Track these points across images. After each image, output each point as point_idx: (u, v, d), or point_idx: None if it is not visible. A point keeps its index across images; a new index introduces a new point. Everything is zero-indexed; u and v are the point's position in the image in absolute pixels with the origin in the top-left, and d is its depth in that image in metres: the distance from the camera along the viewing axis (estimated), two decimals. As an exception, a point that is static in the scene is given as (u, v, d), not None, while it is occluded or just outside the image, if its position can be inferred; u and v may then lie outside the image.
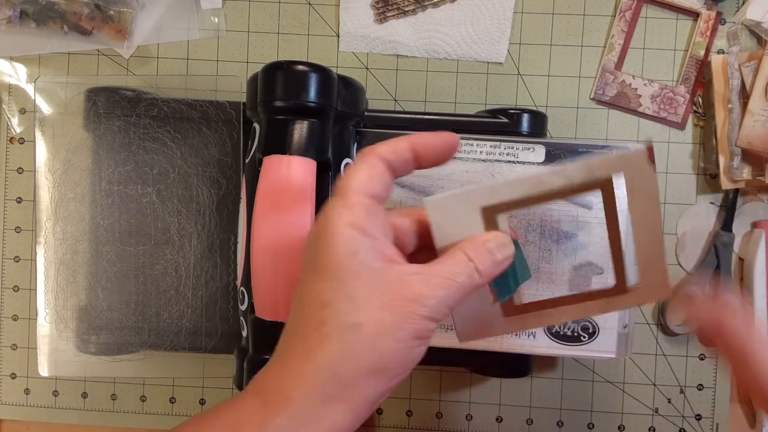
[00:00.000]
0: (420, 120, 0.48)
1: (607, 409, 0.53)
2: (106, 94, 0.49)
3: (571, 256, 0.46)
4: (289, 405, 0.26)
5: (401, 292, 0.27)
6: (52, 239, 0.50)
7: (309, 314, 0.27)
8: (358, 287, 0.27)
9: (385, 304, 0.26)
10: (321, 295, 0.27)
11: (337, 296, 0.27)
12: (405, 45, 0.53)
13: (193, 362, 0.53)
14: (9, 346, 0.56)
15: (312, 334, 0.27)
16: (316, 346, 0.27)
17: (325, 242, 0.27)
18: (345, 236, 0.27)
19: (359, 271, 0.27)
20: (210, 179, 0.49)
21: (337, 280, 0.27)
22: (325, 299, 0.27)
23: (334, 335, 0.26)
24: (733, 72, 0.50)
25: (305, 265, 0.28)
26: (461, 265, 0.28)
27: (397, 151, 0.29)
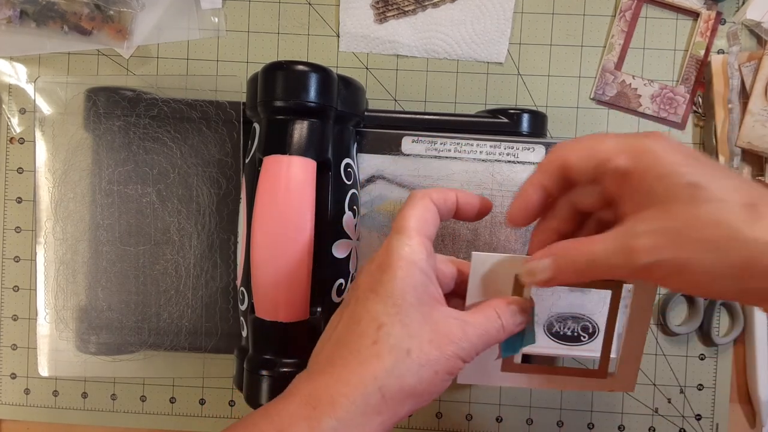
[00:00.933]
0: (420, 120, 0.48)
1: (607, 409, 0.53)
2: (106, 94, 0.49)
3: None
4: (336, 410, 0.29)
5: (445, 333, 0.30)
6: (52, 239, 0.50)
7: (364, 331, 0.30)
8: (412, 318, 0.30)
9: (432, 339, 0.30)
10: (378, 317, 0.30)
11: (393, 321, 0.30)
12: (405, 45, 0.53)
13: (193, 362, 0.53)
14: (9, 346, 0.56)
15: (365, 349, 0.30)
16: (368, 361, 0.30)
17: (390, 273, 0.31)
18: (408, 271, 0.31)
19: (415, 304, 0.30)
20: (210, 179, 0.49)
21: (395, 306, 0.30)
22: (382, 321, 0.30)
23: (386, 355, 0.29)
24: (733, 72, 0.50)
25: (363, 287, 0.32)
26: (492, 319, 0.32)
27: (447, 201, 0.34)
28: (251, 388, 0.42)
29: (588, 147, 0.29)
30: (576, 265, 0.29)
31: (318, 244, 0.42)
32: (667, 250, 0.26)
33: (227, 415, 0.55)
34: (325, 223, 0.43)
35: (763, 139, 0.49)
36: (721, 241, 0.25)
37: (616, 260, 0.28)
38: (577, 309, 0.45)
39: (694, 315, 0.52)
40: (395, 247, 0.31)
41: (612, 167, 0.28)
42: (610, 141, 0.29)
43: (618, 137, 0.29)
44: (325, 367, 0.31)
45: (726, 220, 0.25)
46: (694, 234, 0.25)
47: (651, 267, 0.27)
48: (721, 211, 0.25)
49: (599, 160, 0.29)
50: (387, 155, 0.47)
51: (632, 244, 0.27)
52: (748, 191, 0.25)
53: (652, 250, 0.26)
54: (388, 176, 0.47)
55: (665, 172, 0.27)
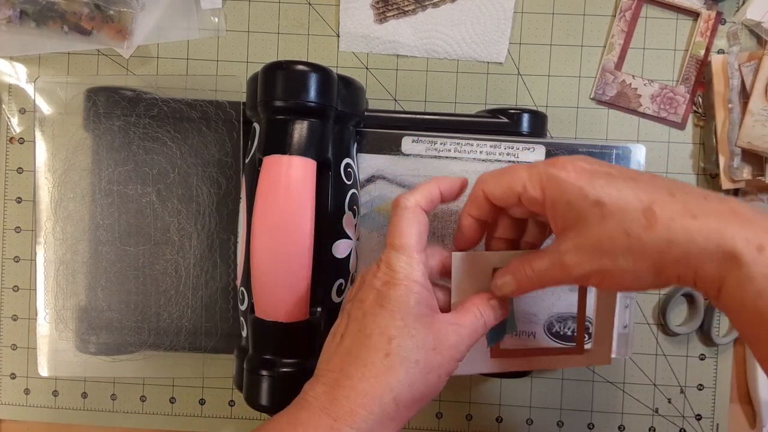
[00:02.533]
0: (420, 120, 0.48)
1: (607, 409, 0.53)
2: (106, 94, 0.49)
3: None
4: (355, 420, 0.31)
5: (445, 340, 0.34)
6: (51, 239, 0.50)
7: (375, 345, 0.33)
8: (417, 329, 0.33)
9: (435, 347, 0.33)
10: (388, 331, 0.33)
11: (402, 334, 0.33)
12: (405, 45, 0.53)
13: (193, 362, 0.53)
14: (9, 346, 0.56)
15: (379, 362, 0.32)
16: (383, 373, 0.32)
17: (396, 290, 0.34)
18: (411, 288, 0.34)
19: (418, 316, 0.33)
20: (210, 179, 0.49)
21: (402, 320, 0.33)
22: (392, 335, 0.33)
23: (398, 366, 0.32)
24: (733, 72, 0.50)
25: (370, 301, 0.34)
26: (477, 318, 0.35)
27: (433, 200, 0.36)
28: (251, 388, 0.42)
29: (506, 183, 0.33)
30: (529, 279, 0.34)
31: (318, 244, 0.42)
32: (590, 263, 0.30)
33: (227, 415, 0.55)
34: (325, 223, 0.42)
35: (763, 138, 0.49)
36: (630, 248, 0.29)
37: (555, 273, 0.32)
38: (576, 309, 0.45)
39: (694, 315, 0.52)
40: (398, 266, 0.34)
41: (528, 197, 0.32)
42: (523, 174, 0.33)
43: (530, 169, 0.33)
44: (340, 378, 0.33)
45: (628, 230, 0.29)
46: (608, 247, 0.29)
47: (583, 276, 0.31)
48: (622, 223, 0.29)
49: (517, 193, 0.33)
50: (387, 155, 0.47)
51: (563, 261, 0.31)
52: (646, 194, 0.29)
53: (578, 265, 0.31)
54: (388, 176, 0.47)
55: (572, 199, 0.30)
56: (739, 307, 0.27)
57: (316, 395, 0.33)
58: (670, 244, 0.28)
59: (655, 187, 0.29)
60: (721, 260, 0.27)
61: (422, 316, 0.33)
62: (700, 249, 0.27)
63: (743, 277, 0.26)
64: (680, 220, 0.28)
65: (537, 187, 0.32)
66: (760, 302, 0.26)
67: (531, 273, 0.34)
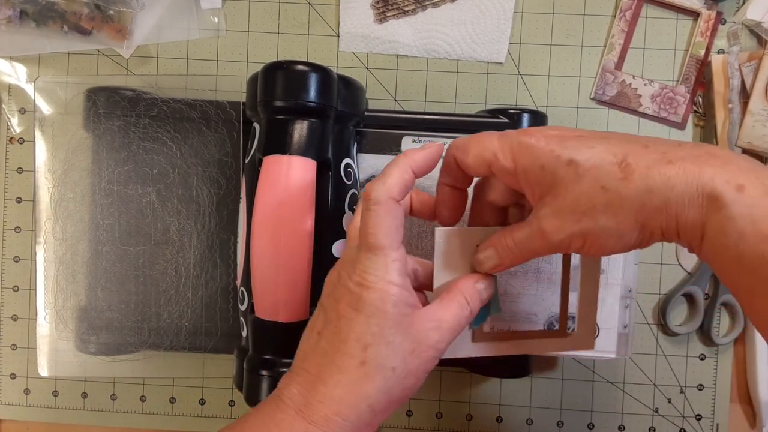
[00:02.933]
0: (420, 120, 0.48)
1: (607, 409, 0.53)
2: (106, 93, 0.49)
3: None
4: (330, 426, 0.31)
5: (425, 341, 0.32)
6: (51, 239, 0.50)
7: (350, 351, 0.32)
8: (394, 335, 0.32)
9: (413, 350, 0.32)
10: (363, 338, 0.32)
11: (377, 341, 0.32)
12: (405, 45, 0.53)
13: (193, 362, 0.53)
14: (9, 346, 0.56)
15: (354, 370, 0.32)
16: (359, 382, 0.31)
17: (369, 293, 0.32)
18: (386, 290, 0.32)
19: (395, 318, 0.32)
20: (210, 179, 0.49)
21: (378, 326, 0.32)
22: (367, 342, 0.32)
23: (374, 375, 0.31)
24: (733, 72, 0.50)
25: (344, 303, 0.33)
26: (461, 308, 0.34)
27: (407, 185, 0.33)
28: (251, 388, 0.42)
29: (477, 151, 0.32)
30: (511, 251, 0.33)
31: (318, 244, 0.42)
32: (570, 226, 0.29)
33: (227, 415, 0.55)
34: (325, 223, 0.42)
35: (764, 138, 0.49)
36: (609, 204, 0.28)
37: (536, 242, 0.31)
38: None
39: (694, 315, 0.52)
40: (372, 269, 0.32)
41: (500, 167, 0.31)
42: (494, 142, 0.32)
43: (501, 138, 0.32)
44: (315, 382, 0.32)
45: (605, 185, 0.28)
46: (586, 206, 0.28)
47: (564, 242, 0.30)
48: (598, 178, 0.28)
49: (489, 162, 0.32)
50: (387, 155, 0.47)
51: (542, 228, 0.30)
52: (619, 148, 0.28)
53: (558, 230, 0.29)
54: (388, 176, 0.47)
55: (545, 162, 0.29)
56: (721, 253, 0.26)
57: (291, 396, 0.32)
58: (649, 193, 0.27)
59: (628, 141, 0.29)
60: (702, 203, 0.26)
61: (400, 317, 0.32)
62: (680, 193, 0.26)
63: (724, 218, 0.26)
64: (657, 168, 0.27)
65: (508, 157, 0.31)
66: (742, 244, 0.25)
67: (512, 244, 0.32)
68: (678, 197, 0.27)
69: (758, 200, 0.25)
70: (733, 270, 0.26)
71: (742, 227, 0.25)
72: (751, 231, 0.25)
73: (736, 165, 0.26)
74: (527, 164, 0.30)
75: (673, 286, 0.53)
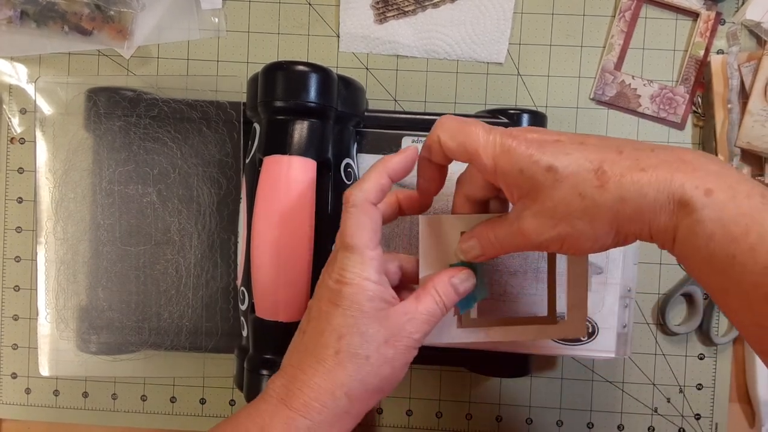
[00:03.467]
0: (420, 120, 0.48)
1: (607, 408, 0.54)
2: (107, 94, 0.49)
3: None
4: (309, 412, 0.33)
5: (398, 332, 0.34)
6: (52, 239, 0.50)
7: (326, 342, 0.34)
8: (368, 325, 0.34)
9: (387, 340, 0.34)
10: (339, 329, 0.34)
11: (351, 332, 0.33)
12: (405, 45, 0.53)
13: (194, 362, 0.53)
14: (10, 346, 0.56)
15: (328, 358, 0.33)
16: (333, 370, 0.33)
17: (346, 289, 0.34)
18: (362, 286, 0.34)
19: (370, 312, 0.34)
20: (210, 179, 0.49)
21: (353, 318, 0.33)
22: (342, 333, 0.33)
23: (348, 363, 0.33)
24: (732, 72, 0.50)
25: (324, 300, 0.35)
26: (434, 303, 0.35)
27: (383, 189, 0.35)
28: (251, 388, 0.42)
29: (461, 140, 0.33)
30: (492, 245, 0.34)
31: (318, 244, 0.42)
32: (549, 229, 0.30)
33: (228, 415, 0.55)
34: (325, 223, 0.43)
35: (763, 139, 0.49)
36: (585, 210, 0.29)
37: (516, 241, 0.33)
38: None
39: (693, 315, 0.53)
40: (349, 266, 0.34)
41: (480, 164, 0.32)
42: (479, 138, 0.32)
43: (486, 134, 0.32)
44: (296, 372, 0.34)
45: (582, 192, 0.29)
46: (564, 211, 0.29)
47: (543, 243, 0.31)
48: (576, 186, 0.29)
49: (470, 156, 0.33)
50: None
51: (522, 229, 0.32)
52: (595, 155, 0.29)
53: (537, 232, 0.31)
54: (388, 176, 0.48)
55: (523, 166, 0.30)
56: (692, 254, 0.27)
57: (275, 388, 0.35)
58: (623, 202, 0.28)
59: (604, 147, 0.30)
60: (673, 209, 0.27)
61: (375, 310, 0.34)
62: (652, 201, 0.27)
63: (694, 222, 0.27)
64: (630, 175, 0.28)
65: (490, 156, 0.32)
66: (711, 245, 0.26)
67: (494, 239, 0.34)
68: (650, 205, 0.28)
69: (726, 204, 0.26)
70: (705, 270, 0.27)
71: (712, 230, 0.26)
72: (721, 233, 0.26)
73: (705, 170, 0.27)
74: (506, 167, 0.31)
75: (672, 285, 0.53)
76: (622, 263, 0.46)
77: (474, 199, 0.37)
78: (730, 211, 0.26)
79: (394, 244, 0.47)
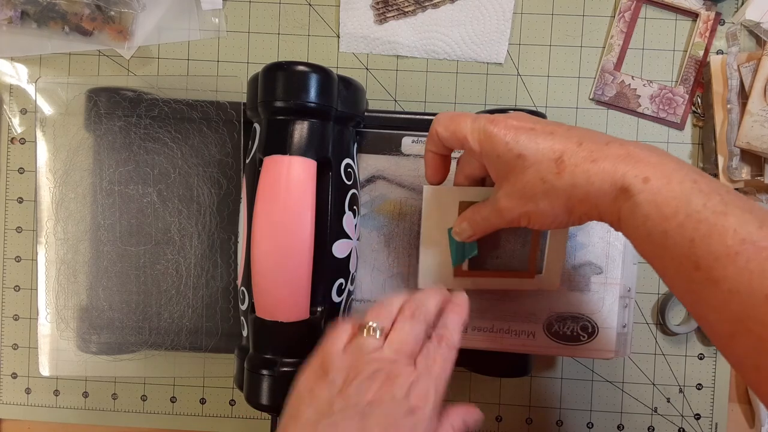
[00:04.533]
0: (420, 120, 0.48)
1: (607, 408, 0.54)
2: (107, 94, 0.49)
3: (571, 255, 0.46)
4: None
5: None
6: (53, 239, 0.50)
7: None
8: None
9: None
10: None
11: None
12: (405, 45, 0.53)
13: (194, 362, 0.53)
14: (10, 346, 0.56)
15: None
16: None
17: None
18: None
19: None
20: (211, 179, 0.49)
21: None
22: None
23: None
24: (732, 72, 0.50)
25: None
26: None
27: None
28: (251, 388, 0.42)
29: (452, 129, 0.37)
30: (479, 225, 0.39)
31: (318, 244, 0.42)
32: (518, 207, 0.35)
33: (228, 415, 0.55)
34: (325, 223, 0.43)
35: (762, 139, 0.49)
36: (546, 193, 0.34)
37: (496, 218, 0.37)
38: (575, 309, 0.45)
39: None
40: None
41: (469, 148, 0.37)
42: (467, 126, 0.37)
43: (474, 121, 0.36)
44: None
45: (543, 178, 0.33)
46: (530, 192, 0.34)
47: (515, 219, 0.36)
48: (539, 172, 0.34)
49: (461, 142, 0.37)
50: (387, 155, 0.48)
51: (498, 207, 0.36)
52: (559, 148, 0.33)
53: (509, 209, 0.36)
54: (388, 176, 0.48)
55: (500, 153, 0.35)
56: (633, 231, 0.32)
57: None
58: (574, 187, 0.33)
59: (568, 138, 0.34)
60: (615, 195, 0.32)
61: None
62: (598, 188, 0.32)
63: (633, 204, 0.31)
64: (582, 165, 0.32)
65: (476, 141, 0.36)
66: (648, 223, 0.30)
67: (480, 219, 0.39)
68: (596, 191, 0.32)
69: (661, 189, 0.30)
70: (645, 244, 0.32)
71: (648, 211, 0.30)
72: (655, 213, 0.30)
73: (646, 162, 0.32)
74: (488, 151, 0.36)
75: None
76: (621, 263, 0.46)
77: (472, 177, 0.41)
78: (663, 195, 0.30)
79: (394, 244, 0.47)
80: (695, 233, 0.29)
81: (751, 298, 0.27)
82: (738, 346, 0.28)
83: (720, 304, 0.28)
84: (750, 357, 0.28)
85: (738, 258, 0.28)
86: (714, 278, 0.28)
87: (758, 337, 0.27)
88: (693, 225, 0.29)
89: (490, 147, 0.35)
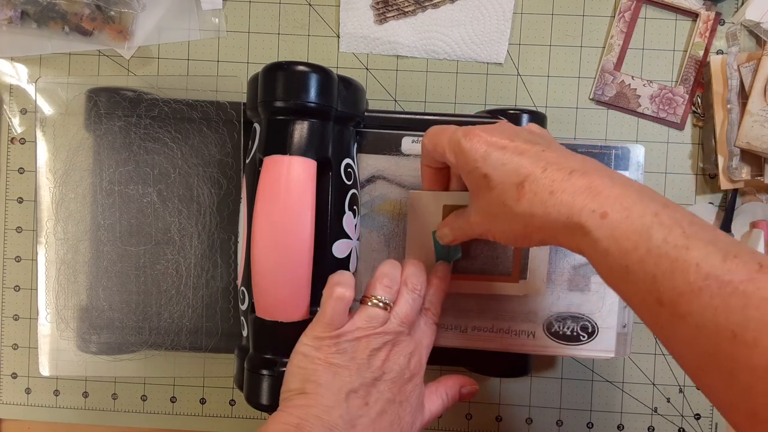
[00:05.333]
0: (420, 120, 0.48)
1: (607, 408, 0.54)
2: (107, 94, 0.49)
3: (571, 255, 0.46)
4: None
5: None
6: (53, 239, 0.50)
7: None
8: None
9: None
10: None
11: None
12: (405, 45, 0.53)
13: (194, 362, 0.53)
14: (10, 346, 0.56)
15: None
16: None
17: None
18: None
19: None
20: (211, 179, 0.49)
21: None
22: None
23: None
24: (732, 72, 0.50)
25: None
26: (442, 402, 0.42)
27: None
28: (252, 388, 0.42)
29: (435, 142, 0.38)
30: (458, 232, 0.40)
31: (318, 244, 0.42)
32: (484, 223, 0.37)
33: (228, 415, 0.55)
34: (325, 223, 0.43)
35: (762, 139, 0.49)
36: (505, 215, 0.34)
37: (469, 230, 0.39)
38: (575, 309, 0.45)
39: (693, 315, 0.53)
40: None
41: (450, 161, 0.38)
42: (445, 138, 0.38)
43: (452, 134, 0.37)
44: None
45: (504, 201, 0.34)
46: (492, 212, 0.35)
47: (483, 233, 0.38)
48: (501, 195, 0.34)
49: (442, 155, 0.38)
50: (387, 155, 0.48)
51: (469, 220, 0.38)
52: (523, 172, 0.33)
53: (478, 224, 0.37)
54: (388, 176, 0.48)
55: (470, 169, 0.36)
56: (596, 265, 0.32)
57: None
58: (531, 216, 0.33)
59: (536, 161, 0.33)
60: (572, 229, 0.31)
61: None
62: (554, 221, 0.32)
63: (591, 241, 0.31)
64: (540, 195, 0.32)
65: (452, 154, 0.37)
66: (608, 258, 0.30)
67: (457, 227, 0.40)
68: (552, 223, 0.32)
69: (620, 223, 0.30)
70: (608, 277, 0.32)
71: (606, 246, 0.30)
72: (615, 248, 0.30)
73: (605, 194, 0.31)
74: (462, 165, 0.36)
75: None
76: (621, 263, 0.46)
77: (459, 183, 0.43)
78: (622, 229, 0.30)
79: (394, 244, 0.47)
80: (657, 269, 0.28)
81: (718, 335, 0.26)
82: (709, 379, 0.28)
83: (688, 338, 0.28)
84: (722, 392, 0.27)
85: (702, 294, 0.27)
86: (680, 314, 0.28)
87: (729, 372, 0.26)
88: (654, 261, 0.28)
89: (463, 161, 0.36)
